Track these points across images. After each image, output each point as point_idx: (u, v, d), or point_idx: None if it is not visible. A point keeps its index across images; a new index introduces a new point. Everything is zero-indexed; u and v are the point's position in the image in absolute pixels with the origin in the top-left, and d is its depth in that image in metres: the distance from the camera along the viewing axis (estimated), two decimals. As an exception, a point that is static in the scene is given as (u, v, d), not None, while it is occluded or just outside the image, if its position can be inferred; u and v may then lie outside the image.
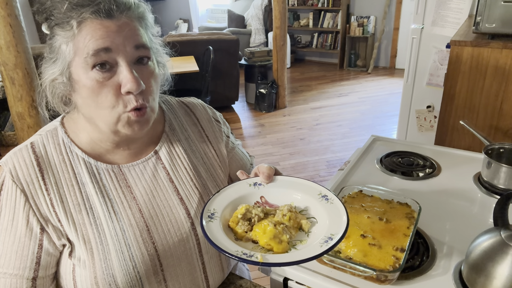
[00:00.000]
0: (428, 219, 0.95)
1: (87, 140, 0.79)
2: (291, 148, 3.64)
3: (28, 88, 2.42)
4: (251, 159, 1.09)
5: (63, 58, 0.69)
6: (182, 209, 0.83)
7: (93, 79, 0.68)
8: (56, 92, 0.73)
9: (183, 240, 0.81)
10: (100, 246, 0.74)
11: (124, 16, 0.68)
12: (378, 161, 1.26)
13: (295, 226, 0.72)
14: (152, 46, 0.76)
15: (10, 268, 0.72)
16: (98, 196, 0.77)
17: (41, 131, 0.80)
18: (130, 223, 0.77)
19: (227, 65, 4.32)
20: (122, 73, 0.69)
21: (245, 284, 0.94)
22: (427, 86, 2.59)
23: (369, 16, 5.90)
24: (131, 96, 0.70)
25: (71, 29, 0.66)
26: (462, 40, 1.70)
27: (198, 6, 7.52)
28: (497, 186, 1.05)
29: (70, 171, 0.77)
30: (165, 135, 0.88)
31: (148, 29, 0.75)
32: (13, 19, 2.25)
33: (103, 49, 0.66)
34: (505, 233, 0.72)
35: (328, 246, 0.63)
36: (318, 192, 0.77)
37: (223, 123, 0.99)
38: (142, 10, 0.73)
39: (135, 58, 0.71)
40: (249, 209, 0.74)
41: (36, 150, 0.76)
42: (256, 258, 0.62)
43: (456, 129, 1.82)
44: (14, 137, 3.68)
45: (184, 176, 0.86)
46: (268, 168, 0.81)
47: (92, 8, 0.65)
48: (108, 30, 0.66)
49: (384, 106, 4.56)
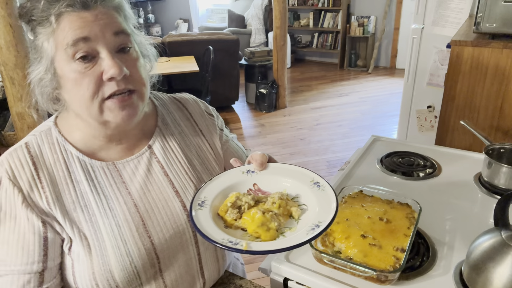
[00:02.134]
0: (428, 219, 0.95)
1: (80, 137, 0.80)
2: (291, 148, 3.64)
3: (28, 88, 2.42)
4: (247, 152, 1.09)
5: (46, 55, 0.70)
6: (178, 202, 0.83)
7: (76, 70, 0.69)
8: (44, 91, 0.74)
9: (179, 232, 0.82)
10: (97, 243, 0.75)
11: (99, 5, 0.69)
12: (378, 161, 1.26)
13: (285, 214, 0.71)
14: (134, 36, 0.76)
15: (18, 264, 0.73)
16: (93, 193, 0.77)
17: (35, 132, 0.81)
18: (125, 219, 0.78)
19: (227, 65, 4.32)
20: (104, 60, 0.69)
21: (245, 284, 0.94)
22: (428, 86, 2.59)
23: (369, 16, 5.90)
24: (113, 82, 0.70)
25: (50, 25, 0.67)
26: (463, 40, 1.70)
27: (198, 6, 7.52)
28: (497, 186, 1.05)
29: (65, 169, 0.77)
30: (158, 129, 0.88)
31: (128, 20, 0.75)
32: (13, 19, 2.25)
33: (82, 39, 0.67)
34: (505, 233, 0.72)
35: (314, 233, 0.62)
36: (311, 179, 0.76)
37: (216, 116, 1.00)
38: (118, 1, 0.73)
39: (116, 46, 0.71)
40: (239, 197, 0.73)
41: (31, 150, 0.77)
42: (241, 246, 0.61)
43: (456, 129, 1.81)
44: (14, 137, 3.68)
45: (179, 169, 0.86)
46: (261, 155, 0.81)
47: (67, 2, 0.66)
48: (85, 20, 0.67)
49: (385, 106, 4.56)
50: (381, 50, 6.09)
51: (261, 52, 4.66)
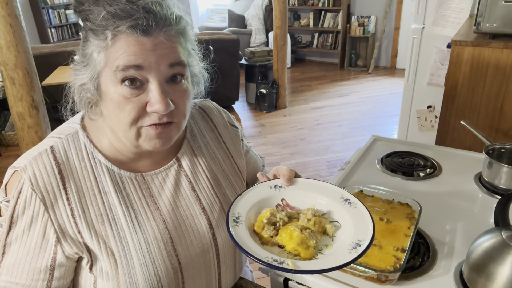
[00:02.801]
0: (429, 219, 0.95)
1: (109, 146, 0.75)
2: (291, 148, 3.64)
3: (29, 88, 2.42)
4: (262, 160, 1.07)
5: (94, 66, 0.66)
6: (205, 220, 0.80)
7: (121, 94, 0.65)
8: (83, 97, 0.70)
9: (204, 251, 0.79)
10: (124, 260, 0.71)
11: (162, 33, 0.64)
12: (378, 161, 1.26)
13: (320, 231, 0.71)
14: (189, 61, 0.72)
15: (23, 278, 0.70)
16: (122, 206, 0.73)
17: (60, 134, 0.75)
18: (154, 236, 0.74)
19: (227, 65, 4.31)
20: (152, 92, 0.65)
21: (246, 284, 0.94)
22: (428, 86, 2.59)
23: (369, 16, 5.89)
24: (155, 114, 0.67)
25: (105, 39, 0.63)
26: (463, 40, 1.70)
27: (199, 6, 7.52)
28: (498, 186, 1.05)
29: (93, 179, 0.72)
30: (187, 142, 0.84)
31: (188, 44, 0.71)
32: (13, 19, 2.25)
33: (134, 66, 0.63)
34: (506, 234, 0.72)
35: (357, 252, 0.63)
36: (340, 196, 0.77)
37: (238, 127, 0.96)
38: (183, 25, 0.68)
39: (168, 76, 0.67)
40: (274, 213, 0.73)
41: (57, 156, 0.71)
42: (287, 265, 0.61)
43: (457, 129, 1.81)
44: (14, 137, 3.68)
45: (206, 185, 0.83)
46: (289, 170, 0.80)
47: (129, 23, 0.61)
48: (143, 47, 0.63)
49: (385, 106, 4.56)
50: (381, 50, 6.08)
51: (261, 52, 4.66)
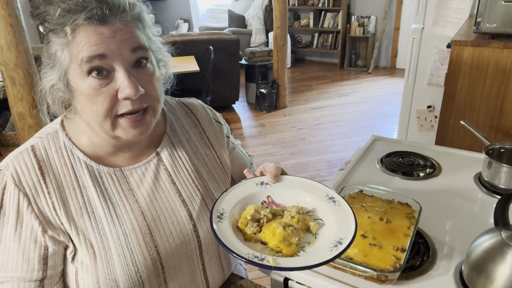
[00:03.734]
0: (428, 219, 0.95)
1: (88, 143, 0.78)
2: (291, 148, 3.64)
3: (29, 88, 2.42)
4: (250, 158, 1.09)
5: (60, 64, 0.68)
6: (184, 211, 0.82)
7: (90, 86, 0.66)
8: (56, 97, 0.72)
9: (185, 242, 0.81)
10: (103, 251, 0.73)
11: (118, 19, 0.66)
12: (378, 161, 1.26)
13: (303, 228, 0.72)
14: (151, 46, 0.74)
15: (18, 271, 0.72)
16: (100, 199, 0.76)
17: (41, 134, 0.79)
18: (132, 227, 0.76)
19: (227, 65, 4.31)
20: (120, 78, 0.67)
21: (246, 284, 0.94)
22: (428, 86, 2.59)
23: (369, 16, 5.89)
24: (128, 101, 0.68)
25: (65, 36, 0.65)
26: (463, 40, 1.70)
27: (199, 6, 7.52)
28: (497, 186, 1.05)
29: (72, 174, 0.76)
30: (167, 136, 0.87)
31: (147, 29, 0.73)
32: (13, 19, 2.25)
33: (98, 56, 0.64)
34: (505, 233, 0.72)
35: (338, 250, 0.63)
36: (325, 194, 0.77)
37: (223, 123, 0.98)
38: (137, 11, 0.70)
39: (132, 61, 0.69)
40: (258, 210, 0.73)
41: (37, 154, 0.75)
42: (267, 262, 0.61)
43: (456, 129, 1.82)
44: (15, 137, 3.68)
45: (186, 178, 0.85)
46: (275, 167, 0.80)
47: (85, 15, 0.63)
48: (102, 36, 0.64)
49: (385, 106, 4.56)
50: (381, 50, 6.08)
51: (261, 52, 4.66)
